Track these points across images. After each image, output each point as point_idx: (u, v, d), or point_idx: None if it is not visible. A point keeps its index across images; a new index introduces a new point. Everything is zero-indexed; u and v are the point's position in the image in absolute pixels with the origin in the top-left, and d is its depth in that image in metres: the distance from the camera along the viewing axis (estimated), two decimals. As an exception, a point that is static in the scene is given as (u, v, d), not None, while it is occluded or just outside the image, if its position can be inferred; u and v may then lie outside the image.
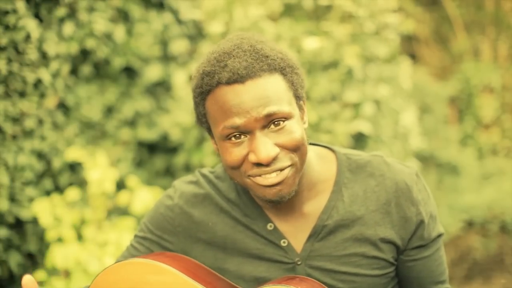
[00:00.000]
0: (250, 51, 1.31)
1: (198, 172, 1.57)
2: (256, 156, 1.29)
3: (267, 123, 1.29)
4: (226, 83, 1.29)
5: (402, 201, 1.42)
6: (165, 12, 3.57)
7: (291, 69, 1.36)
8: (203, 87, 1.33)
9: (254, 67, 1.29)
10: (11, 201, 2.82)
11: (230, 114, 1.29)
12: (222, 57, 1.32)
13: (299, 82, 1.38)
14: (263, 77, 1.29)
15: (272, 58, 1.32)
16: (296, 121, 1.34)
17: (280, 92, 1.31)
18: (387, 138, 3.34)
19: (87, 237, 2.86)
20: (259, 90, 1.28)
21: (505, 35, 6.53)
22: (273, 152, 1.29)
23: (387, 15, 3.41)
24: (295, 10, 3.32)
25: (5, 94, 2.73)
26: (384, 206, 1.43)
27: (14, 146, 2.81)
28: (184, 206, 1.51)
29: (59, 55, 3.04)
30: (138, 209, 2.90)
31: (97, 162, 2.91)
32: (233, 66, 1.28)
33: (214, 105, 1.32)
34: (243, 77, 1.28)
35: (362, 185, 1.45)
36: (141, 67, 3.45)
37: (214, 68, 1.31)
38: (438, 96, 6.02)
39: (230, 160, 1.33)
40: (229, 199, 1.50)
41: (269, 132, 1.30)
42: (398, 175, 1.44)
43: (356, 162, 1.47)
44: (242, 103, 1.28)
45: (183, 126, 3.36)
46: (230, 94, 1.29)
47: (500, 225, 4.86)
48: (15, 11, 2.69)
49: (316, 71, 3.14)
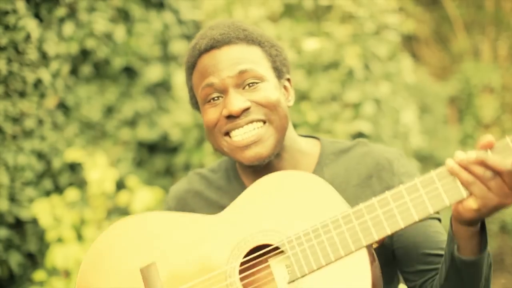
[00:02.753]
0: (229, 24, 1.44)
1: (191, 171, 1.65)
2: (227, 108, 1.38)
3: (241, 81, 1.39)
4: (204, 50, 1.41)
5: (383, 174, 1.45)
6: (165, 12, 3.57)
7: (270, 44, 1.46)
8: (189, 61, 1.46)
9: (229, 35, 1.40)
10: (11, 201, 2.81)
11: (207, 75, 1.40)
12: (204, 31, 1.46)
13: (279, 58, 1.47)
14: (239, 44, 1.41)
15: (250, 31, 1.44)
16: (272, 86, 1.42)
17: (256, 58, 1.42)
18: (387, 138, 3.34)
19: (87, 237, 2.86)
20: (234, 53, 1.40)
21: (505, 35, 6.53)
22: (244, 104, 1.38)
23: (387, 15, 3.41)
24: (296, 10, 3.31)
25: (5, 94, 2.73)
26: (365, 180, 1.45)
27: (14, 146, 2.81)
28: (177, 207, 1.58)
29: (59, 55, 3.04)
30: (138, 209, 2.90)
31: (97, 162, 2.91)
32: (211, 34, 1.41)
33: (197, 73, 1.44)
34: (219, 42, 1.40)
35: (344, 165, 1.48)
36: (141, 67, 3.45)
37: (197, 40, 1.45)
38: (438, 96, 6.01)
39: (207, 119, 1.41)
40: (220, 187, 1.56)
41: (244, 92, 1.39)
42: (380, 153, 1.49)
43: (339, 147, 1.53)
44: (217, 63, 1.39)
45: (183, 126, 3.35)
46: (208, 59, 1.41)
47: (500, 225, 4.87)
48: (15, 11, 2.69)
49: (316, 72, 3.14)
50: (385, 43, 3.37)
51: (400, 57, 3.72)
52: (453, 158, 1.17)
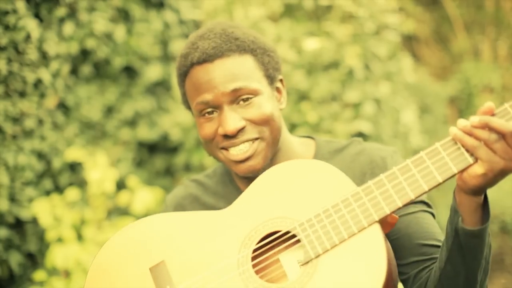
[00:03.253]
0: (220, 34, 1.44)
1: (186, 179, 1.70)
2: (223, 128, 1.41)
3: (235, 98, 1.41)
4: (197, 62, 1.42)
5: (377, 171, 1.45)
6: (165, 12, 3.57)
7: (263, 51, 1.47)
8: (181, 68, 1.48)
9: (222, 48, 1.41)
10: (11, 201, 2.81)
11: (200, 90, 1.42)
12: (196, 39, 1.46)
13: (271, 64, 1.48)
14: (232, 57, 1.42)
15: (242, 40, 1.44)
16: (266, 98, 1.44)
17: (248, 71, 1.43)
18: (387, 137, 3.34)
19: (87, 237, 2.86)
20: (227, 68, 1.41)
21: (505, 35, 6.53)
22: (239, 124, 1.40)
23: (387, 15, 3.41)
24: (296, 10, 3.31)
25: (5, 94, 2.73)
26: (359, 177, 1.46)
27: (14, 146, 2.81)
28: (175, 211, 1.58)
29: (59, 55, 3.04)
30: (138, 209, 2.90)
31: (97, 162, 2.91)
32: (203, 47, 1.42)
33: (189, 84, 1.46)
34: (211, 56, 1.41)
35: (338, 163, 1.48)
36: (141, 67, 3.45)
37: (188, 50, 1.46)
38: (438, 96, 6.01)
39: (203, 134, 1.46)
40: (216, 192, 1.59)
41: (238, 108, 1.42)
42: (373, 151, 1.51)
43: (334, 146, 1.56)
44: (210, 80, 1.40)
45: (183, 126, 3.35)
46: (200, 73, 1.42)
47: (500, 225, 4.86)
48: (15, 11, 2.69)
49: (316, 72, 3.14)
50: (385, 43, 3.37)
51: (400, 57, 3.72)
52: (456, 126, 1.18)
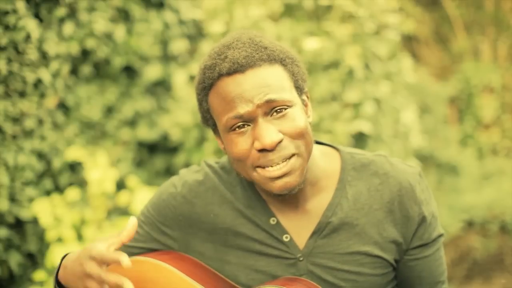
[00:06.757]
0: (249, 43, 1.34)
1: (204, 162, 1.57)
2: (260, 142, 1.30)
3: (269, 110, 1.31)
4: (227, 73, 1.30)
5: (405, 200, 1.43)
6: (165, 11, 3.57)
7: (291, 61, 1.38)
8: (205, 81, 1.35)
9: (253, 57, 1.31)
10: (11, 201, 2.82)
11: (233, 104, 1.30)
12: (222, 50, 1.34)
13: (300, 74, 1.40)
14: (263, 66, 1.32)
15: (271, 49, 1.35)
16: (299, 110, 1.35)
17: (280, 81, 1.33)
18: (387, 138, 3.34)
19: (87, 237, 2.86)
20: (259, 78, 1.31)
21: (505, 35, 6.52)
22: (277, 137, 1.30)
23: (387, 15, 3.41)
24: (296, 10, 3.31)
25: (5, 94, 2.73)
26: (387, 204, 1.43)
27: (14, 146, 2.81)
28: (187, 195, 1.51)
29: (59, 55, 3.04)
30: (138, 209, 2.90)
31: (97, 162, 2.91)
32: (233, 57, 1.30)
33: (217, 98, 1.34)
34: (243, 66, 1.30)
35: (366, 183, 1.45)
36: (141, 67, 3.45)
37: (214, 61, 1.33)
38: (438, 96, 6.01)
39: (237, 151, 1.33)
40: (233, 191, 1.49)
41: (272, 120, 1.32)
42: (402, 175, 1.45)
43: (360, 160, 1.48)
44: (243, 92, 1.29)
45: (183, 126, 3.35)
46: (231, 85, 1.30)
47: (500, 225, 4.86)
48: (15, 11, 2.69)
49: (316, 71, 3.14)
50: (385, 43, 3.37)
51: (400, 57, 3.72)
52: None
